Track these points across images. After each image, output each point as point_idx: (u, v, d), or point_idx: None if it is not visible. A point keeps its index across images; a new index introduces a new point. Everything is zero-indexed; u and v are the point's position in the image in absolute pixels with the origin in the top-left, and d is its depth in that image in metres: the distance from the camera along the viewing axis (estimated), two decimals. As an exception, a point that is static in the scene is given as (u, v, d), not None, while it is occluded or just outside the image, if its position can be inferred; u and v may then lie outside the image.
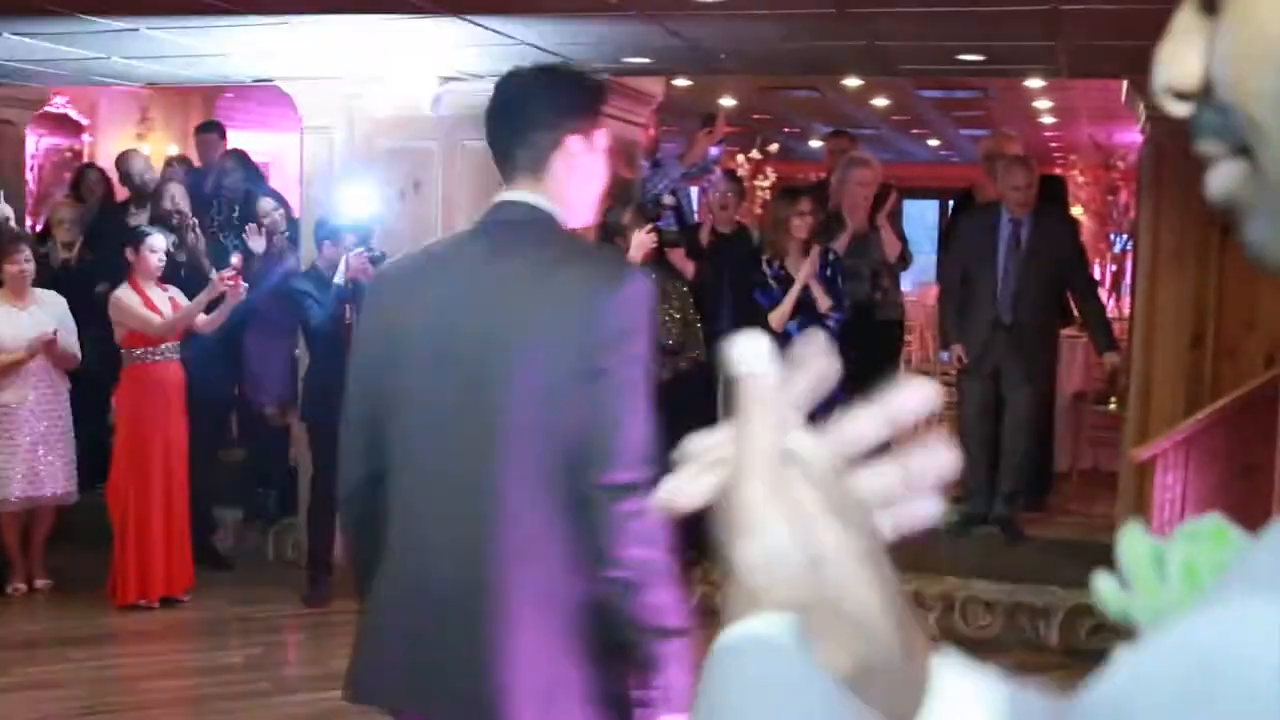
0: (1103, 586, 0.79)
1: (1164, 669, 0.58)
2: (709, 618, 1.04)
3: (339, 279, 7.10)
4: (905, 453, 0.81)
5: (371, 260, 7.13)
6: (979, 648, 6.76)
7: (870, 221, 7.69)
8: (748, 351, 0.78)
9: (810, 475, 0.77)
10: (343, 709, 5.86)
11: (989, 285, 7.19)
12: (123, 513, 7.02)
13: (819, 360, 0.81)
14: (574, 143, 2.43)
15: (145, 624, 7.00)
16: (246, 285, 7.26)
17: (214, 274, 7.29)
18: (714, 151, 8.41)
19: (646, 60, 6.94)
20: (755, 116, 13.91)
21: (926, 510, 0.82)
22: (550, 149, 2.41)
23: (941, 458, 0.81)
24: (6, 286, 7.18)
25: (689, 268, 7.45)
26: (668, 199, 7.83)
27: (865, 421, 0.80)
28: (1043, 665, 6.33)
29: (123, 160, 9.27)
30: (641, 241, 7.19)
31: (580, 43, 6.34)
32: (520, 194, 2.41)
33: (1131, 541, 0.79)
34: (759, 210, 13.73)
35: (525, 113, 2.45)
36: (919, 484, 0.81)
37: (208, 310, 7.17)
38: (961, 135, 15.52)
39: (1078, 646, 6.67)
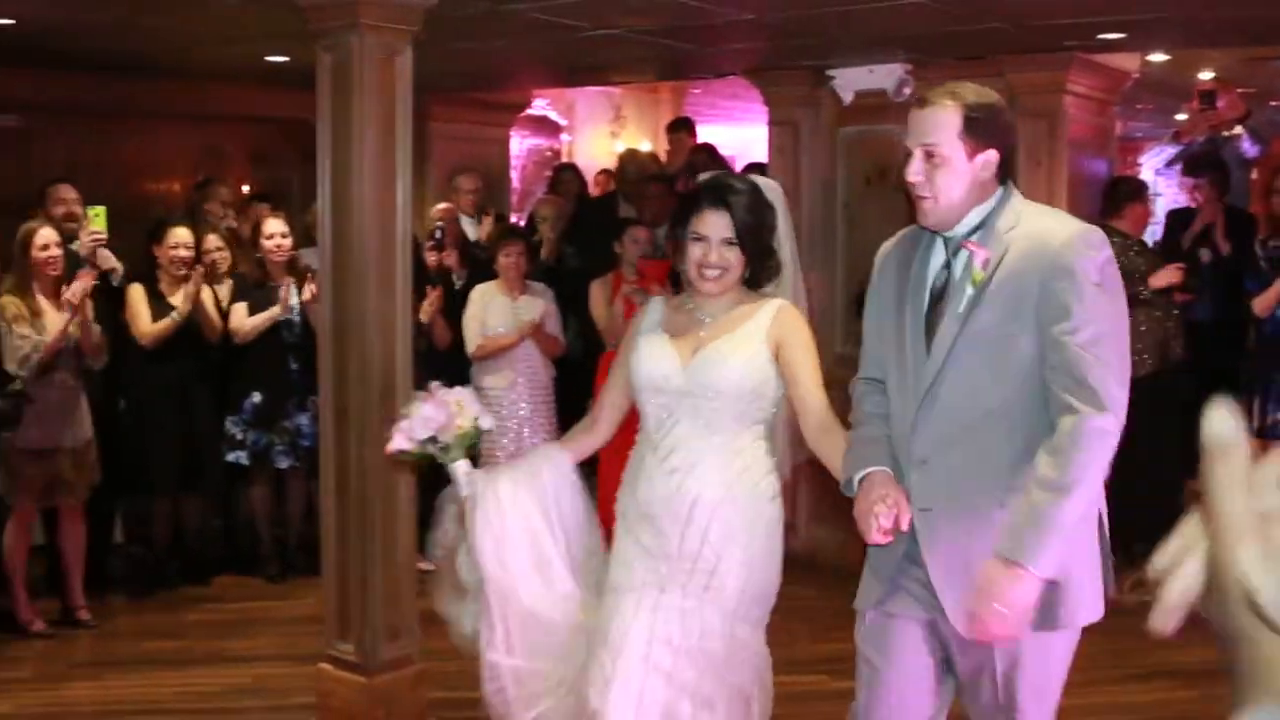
0: None
1: None
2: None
3: None
4: None
5: None
6: None
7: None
8: (1217, 426, 0.81)
9: None
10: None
11: None
12: (605, 494, 7.31)
13: None
14: None
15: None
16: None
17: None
18: (1248, 146, 7.98)
19: (1122, 35, 6.64)
20: (1240, 91, 13.06)
21: None
22: None
23: None
24: (500, 277, 7.66)
25: None
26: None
27: None
28: None
29: (624, 158, 9.93)
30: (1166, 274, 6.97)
31: (1056, 21, 6.13)
32: None
33: None
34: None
35: None
36: None
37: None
38: None
39: None
